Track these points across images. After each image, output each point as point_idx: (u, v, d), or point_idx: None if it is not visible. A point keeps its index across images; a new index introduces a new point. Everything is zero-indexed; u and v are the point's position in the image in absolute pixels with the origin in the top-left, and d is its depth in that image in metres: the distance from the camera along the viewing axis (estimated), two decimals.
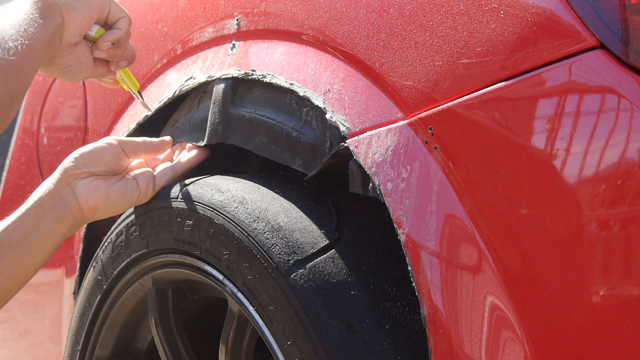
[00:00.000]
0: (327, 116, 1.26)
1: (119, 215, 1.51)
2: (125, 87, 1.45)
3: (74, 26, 1.26)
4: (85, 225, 1.70)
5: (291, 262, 1.22)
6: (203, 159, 1.45)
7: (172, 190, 1.38)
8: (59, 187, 1.36)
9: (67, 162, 1.38)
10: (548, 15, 1.06)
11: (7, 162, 1.96)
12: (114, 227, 1.48)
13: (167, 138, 1.46)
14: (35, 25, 1.19)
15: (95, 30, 1.31)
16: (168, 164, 1.45)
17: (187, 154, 1.45)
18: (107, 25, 1.33)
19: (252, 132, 1.39)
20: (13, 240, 1.31)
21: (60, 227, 1.34)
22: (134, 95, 1.48)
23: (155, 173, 1.42)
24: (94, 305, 1.50)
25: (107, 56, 1.34)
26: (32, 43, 1.17)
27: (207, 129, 1.43)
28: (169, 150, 1.48)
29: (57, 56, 1.28)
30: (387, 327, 1.19)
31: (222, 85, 1.43)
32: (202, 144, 1.44)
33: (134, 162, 1.44)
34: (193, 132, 1.48)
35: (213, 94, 1.44)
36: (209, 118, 1.44)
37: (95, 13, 1.29)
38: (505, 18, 1.09)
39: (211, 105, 1.44)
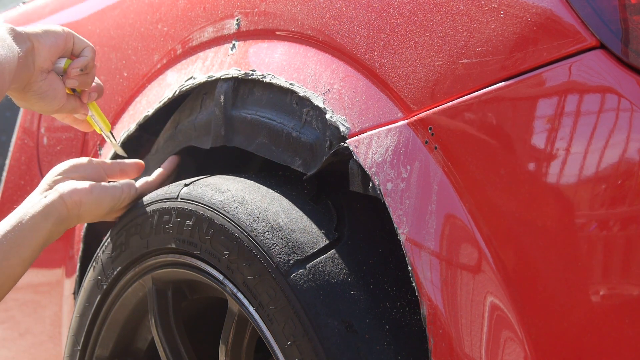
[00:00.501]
0: (327, 116, 1.26)
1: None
2: (97, 129, 1.53)
3: (44, 51, 1.37)
4: (86, 225, 1.70)
5: (291, 262, 1.22)
6: (175, 165, 1.53)
7: (172, 190, 1.39)
8: (41, 191, 1.42)
9: (52, 171, 1.46)
10: (548, 15, 1.06)
11: (7, 162, 1.96)
12: (114, 227, 1.49)
13: (140, 162, 1.55)
14: (7, 46, 1.29)
15: (63, 62, 1.42)
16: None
17: (164, 163, 1.54)
18: (73, 57, 1.44)
19: (253, 133, 1.39)
20: None
21: (44, 221, 1.37)
22: (105, 136, 1.55)
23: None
24: (94, 305, 1.50)
25: (78, 84, 1.43)
26: (3, 60, 1.27)
27: (212, 132, 1.44)
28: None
29: (32, 82, 1.38)
30: (387, 327, 1.19)
31: (223, 88, 1.43)
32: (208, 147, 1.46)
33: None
34: (199, 135, 1.48)
35: (215, 97, 1.45)
36: (212, 121, 1.44)
37: (61, 42, 1.40)
38: (505, 18, 1.09)
39: (213, 108, 1.44)
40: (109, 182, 1.50)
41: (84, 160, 1.49)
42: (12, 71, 1.30)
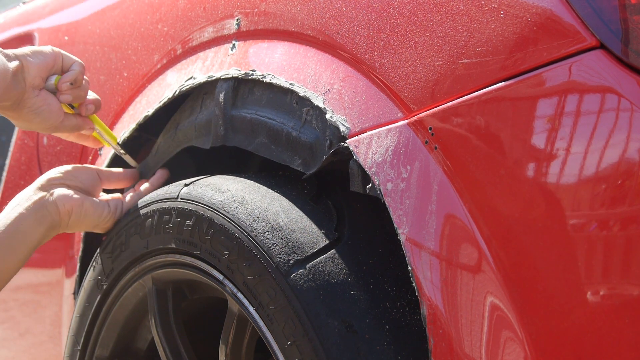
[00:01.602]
0: (327, 116, 1.26)
1: None
2: (105, 143, 1.58)
3: (33, 69, 1.42)
4: None
5: (291, 262, 1.22)
6: (165, 179, 1.56)
7: (172, 190, 1.39)
8: (37, 193, 1.47)
9: (48, 173, 1.50)
10: (548, 15, 1.06)
11: (7, 162, 1.96)
12: (114, 227, 1.49)
13: (136, 171, 1.60)
14: None
15: (54, 79, 1.45)
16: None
17: (152, 178, 1.56)
18: (63, 74, 1.48)
19: (253, 133, 1.39)
20: None
21: (39, 226, 1.44)
22: (114, 149, 1.60)
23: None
24: (94, 305, 1.50)
25: (71, 99, 1.46)
26: None
27: (212, 131, 1.44)
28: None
29: (25, 98, 1.42)
30: (387, 327, 1.19)
31: (223, 88, 1.43)
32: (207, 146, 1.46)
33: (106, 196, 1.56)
34: (199, 135, 1.48)
35: (215, 97, 1.44)
36: (212, 121, 1.44)
37: (50, 60, 1.45)
38: (505, 18, 1.09)
39: (214, 108, 1.44)
40: (104, 190, 1.56)
41: (81, 167, 1.53)
42: (6, 85, 1.34)
